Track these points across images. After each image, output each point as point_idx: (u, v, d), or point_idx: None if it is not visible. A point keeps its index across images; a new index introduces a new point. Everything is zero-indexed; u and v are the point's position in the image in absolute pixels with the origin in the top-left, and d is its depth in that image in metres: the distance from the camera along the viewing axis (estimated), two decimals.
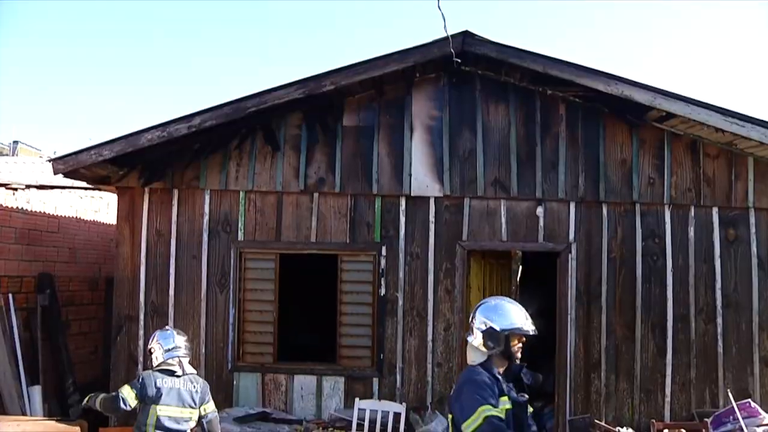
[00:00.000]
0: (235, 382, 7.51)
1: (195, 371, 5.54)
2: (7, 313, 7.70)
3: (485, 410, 3.52)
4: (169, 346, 5.40)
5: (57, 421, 6.44)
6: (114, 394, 5.33)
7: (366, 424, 6.70)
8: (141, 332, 7.60)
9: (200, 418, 5.38)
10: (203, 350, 7.52)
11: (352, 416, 6.79)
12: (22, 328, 7.90)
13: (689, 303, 7.38)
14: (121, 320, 7.64)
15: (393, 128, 7.49)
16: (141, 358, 7.57)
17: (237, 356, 7.53)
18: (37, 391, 7.61)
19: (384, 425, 6.74)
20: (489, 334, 3.83)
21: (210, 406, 5.45)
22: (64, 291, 8.98)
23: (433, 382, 7.35)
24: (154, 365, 5.41)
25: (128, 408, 5.20)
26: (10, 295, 7.83)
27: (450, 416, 3.76)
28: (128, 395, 5.19)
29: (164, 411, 5.17)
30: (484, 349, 3.81)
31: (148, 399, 5.18)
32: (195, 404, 5.30)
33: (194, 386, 5.35)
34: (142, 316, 7.62)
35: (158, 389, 5.20)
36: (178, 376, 5.30)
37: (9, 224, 8.17)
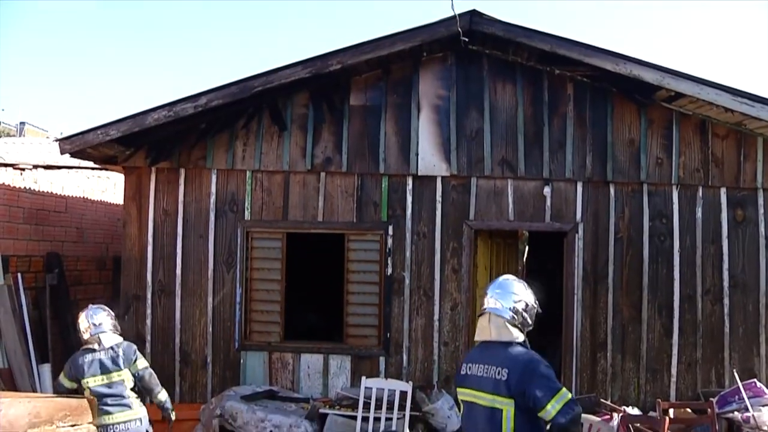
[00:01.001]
0: (242, 361, 7.56)
1: (120, 340, 5.81)
2: (17, 292, 7.76)
3: (566, 391, 3.57)
4: (92, 323, 5.72)
5: (66, 397, 6.48)
6: (55, 382, 5.87)
7: (372, 402, 6.72)
8: (148, 311, 7.65)
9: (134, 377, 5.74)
10: (210, 329, 7.57)
11: (358, 394, 6.81)
12: (31, 307, 7.97)
13: (696, 283, 7.36)
14: (129, 299, 7.69)
15: (400, 108, 7.46)
16: (149, 337, 7.63)
17: (244, 335, 7.58)
18: (47, 368, 7.68)
19: (390, 404, 6.76)
20: (530, 311, 3.90)
21: (140, 364, 5.79)
22: (72, 270, 9.03)
23: (439, 361, 7.38)
24: (82, 343, 5.78)
25: (66, 389, 5.61)
26: (19, 275, 7.89)
27: (505, 398, 3.64)
28: (62, 379, 5.67)
29: (91, 382, 5.54)
30: (521, 327, 3.83)
31: (77, 378, 5.57)
32: (120, 366, 5.63)
33: (115, 352, 5.67)
34: (149, 296, 7.66)
35: (80, 366, 5.58)
36: (96, 351, 5.64)
37: (17, 204, 8.21)
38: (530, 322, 3.89)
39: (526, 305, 3.91)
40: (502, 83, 7.44)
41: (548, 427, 3.61)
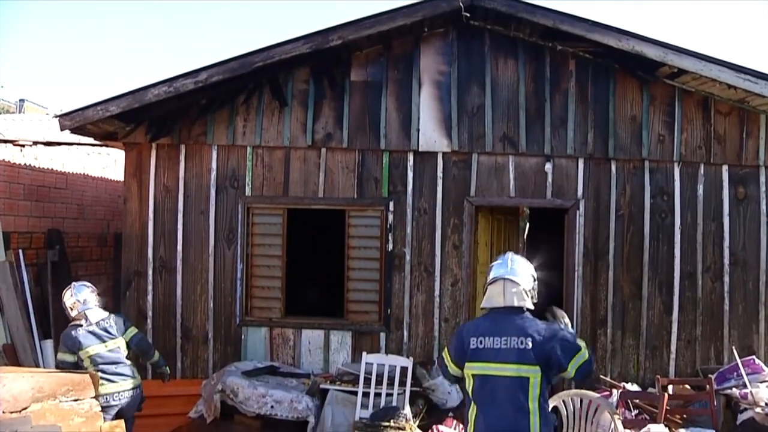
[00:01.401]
0: (243, 337, 7.58)
1: (106, 314, 6.04)
2: (18, 269, 7.77)
3: (584, 349, 3.90)
4: (77, 300, 5.97)
5: (69, 372, 6.52)
6: (56, 363, 5.99)
7: (373, 378, 6.75)
8: (150, 287, 7.67)
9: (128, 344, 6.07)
10: (211, 305, 7.59)
11: (359, 370, 6.84)
12: (33, 283, 7.98)
13: (697, 261, 7.36)
14: (130, 276, 7.71)
15: (401, 83, 7.43)
16: (150, 313, 7.66)
17: (245, 311, 7.60)
18: (49, 344, 7.71)
19: (391, 379, 6.78)
20: (536, 283, 4.16)
21: (132, 331, 6.12)
22: (73, 247, 9.04)
23: (440, 337, 7.40)
24: (70, 320, 6.01)
25: (70, 364, 5.79)
26: (21, 251, 7.89)
27: (531, 366, 3.79)
28: (63, 356, 5.83)
29: (91, 351, 5.78)
30: (531, 296, 4.05)
31: (75, 350, 5.79)
32: (114, 335, 5.94)
33: (106, 323, 5.96)
34: (150, 272, 7.68)
35: (75, 339, 5.80)
36: (84, 326, 5.88)
37: (17, 181, 8.20)
38: (536, 297, 4.10)
39: (534, 278, 4.16)
40: (504, 59, 7.40)
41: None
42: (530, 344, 3.83)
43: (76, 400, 4.81)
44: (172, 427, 7.26)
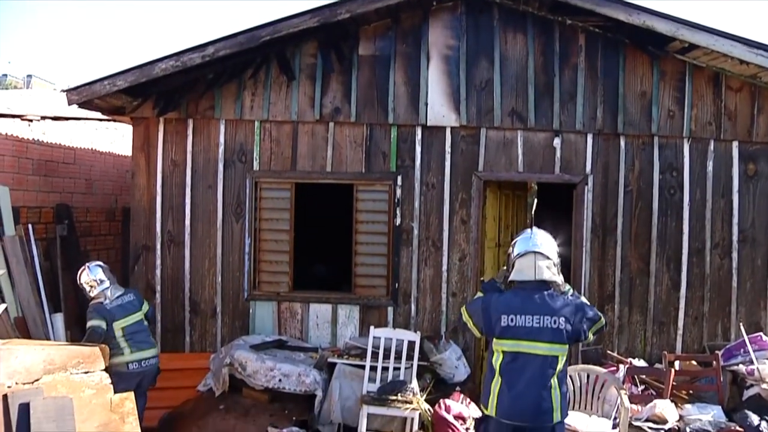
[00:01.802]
0: (251, 311, 7.62)
1: (122, 289, 6.54)
2: (28, 243, 7.79)
3: (602, 319, 4.24)
4: (93, 279, 6.44)
5: (80, 345, 6.58)
6: (89, 330, 6.22)
7: (380, 352, 6.78)
8: (158, 261, 7.70)
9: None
10: (219, 279, 7.62)
11: (366, 344, 6.86)
12: (42, 257, 8.00)
13: (705, 237, 7.34)
14: (139, 250, 7.74)
15: (409, 57, 7.38)
16: (159, 287, 7.70)
17: (253, 285, 7.63)
18: (59, 318, 7.74)
19: (398, 353, 6.81)
20: (560, 259, 4.33)
21: (146, 305, 6.63)
22: (81, 222, 9.06)
23: (447, 312, 7.42)
24: (90, 299, 6.44)
25: (104, 330, 6.19)
26: (30, 226, 7.91)
27: (563, 345, 4.07)
28: (99, 323, 6.19)
29: (123, 323, 6.27)
30: (558, 269, 4.24)
31: (110, 320, 6.23)
32: (138, 307, 6.46)
33: (128, 296, 6.47)
34: (158, 246, 7.71)
35: (110, 311, 6.28)
36: (110, 301, 6.35)
37: (26, 156, 8.21)
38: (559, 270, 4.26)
39: (558, 254, 4.31)
40: (513, 33, 7.34)
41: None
42: (563, 324, 4.05)
43: (86, 373, 4.85)
44: (181, 400, 7.33)
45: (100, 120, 9.78)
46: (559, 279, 4.21)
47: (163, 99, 7.56)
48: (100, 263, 6.64)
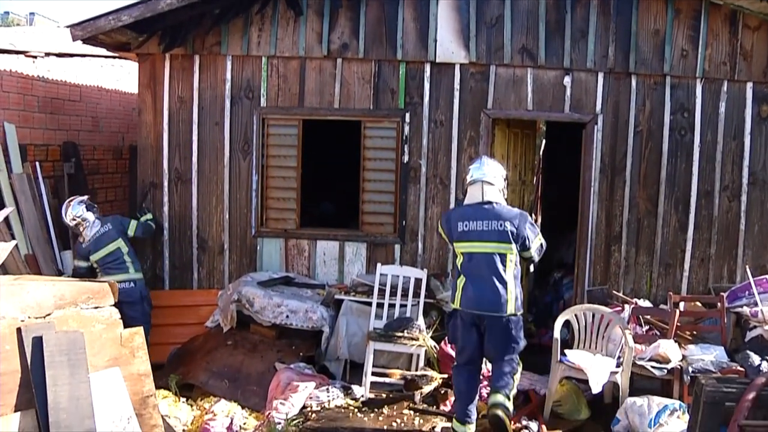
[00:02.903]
0: (258, 248, 7.66)
1: (100, 222, 7.13)
2: (35, 181, 7.81)
3: (541, 237, 5.29)
4: (75, 216, 7.07)
5: (88, 280, 6.65)
6: (73, 270, 7.22)
7: (387, 289, 6.82)
8: (165, 199, 7.72)
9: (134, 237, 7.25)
10: (227, 216, 7.64)
11: (373, 281, 6.90)
12: (50, 195, 8.02)
13: (714, 179, 7.25)
14: (146, 188, 7.75)
15: None
16: (166, 224, 7.72)
17: (260, 222, 7.65)
18: (68, 255, 7.80)
19: (405, 291, 6.86)
20: (506, 182, 5.36)
21: (133, 224, 7.24)
22: (88, 160, 9.05)
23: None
24: (79, 233, 7.17)
25: (86, 268, 7.13)
26: (37, 164, 7.91)
27: (508, 243, 5.04)
28: (78, 263, 7.16)
29: (96, 256, 7.03)
30: (503, 194, 5.24)
31: (87, 256, 7.06)
32: (112, 238, 7.07)
33: (104, 228, 7.07)
34: (166, 183, 7.72)
35: (85, 249, 7.05)
36: (88, 236, 7.06)
37: (31, 93, 8.16)
38: (506, 192, 5.34)
39: (504, 178, 5.33)
40: None
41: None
42: (508, 226, 5.03)
43: (96, 308, 4.86)
44: (190, 336, 7.44)
45: (106, 57, 9.68)
46: (503, 200, 5.19)
47: (169, 35, 7.45)
48: (83, 199, 7.20)
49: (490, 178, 5.15)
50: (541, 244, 5.28)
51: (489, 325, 5.06)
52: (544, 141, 9.11)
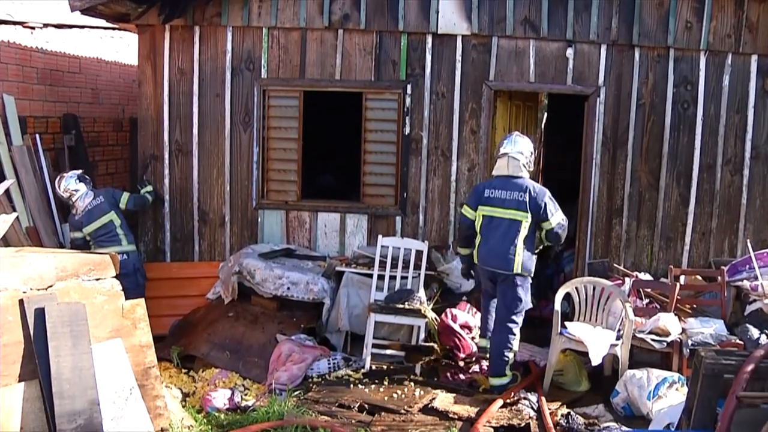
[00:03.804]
0: (259, 220, 7.67)
1: (93, 194, 7.14)
2: (36, 153, 7.77)
3: (562, 213, 5.86)
4: (67, 189, 7.10)
5: (90, 252, 6.67)
6: (70, 242, 7.27)
7: (388, 261, 6.84)
8: (166, 171, 7.72)
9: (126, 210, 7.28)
10: (228, 188, 7.65)
11: (374, 253, 6.91)
12: (51, 168, 7.99)
13: (717, 153, 7.20)
14: (147, 160, 7.75)
15: None
16: (167, 197, 7.73)
17: (261, 194, 7.66)
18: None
19: (406, 263, 6.88)
20: (532, 158, 5.92)
21: (125, 198, 7.26)
22: (89, 132, 9.01)
23: (455, 222, 7.42)
24: (71, 204, 7.20)
25: (82, 239, 7.16)
26: (37, 136, 7.88)
27: (524, 212, 5.69)
28: (75, 234, 7.17)
29: (88, 229, 7.07)
30: (528, 169, 5.83)
31: (81, 228, 7.09)
32: (104, 211, 7.07)
33: (96, 202, 7.08)
34: (166, 155, 7.71)
35: (78, 221, 7.09)
36: (81, 209, 7.08)
37: (30, 64, 8.09)
38: (532, 167, 5.91)
39: (531, 154, 5.89)
40: None
41: (544, 233, 5.87)
42: (527, 198, 5.70)
43: (97, 279, 4.88)
44: (191, 308, 7.47)
45: (105, 29, 9.59)
46: (526, 174, 5.80)
47: (169, 5, 7.39)
48: (75, 172, 7.23)
49: (515, 154, 5.77)
50: (563, 219, 5.85)
51: (499, 281, 5.86)
52: (546, 114, 9.08)
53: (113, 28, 9.41)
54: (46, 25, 8.81)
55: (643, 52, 7.15)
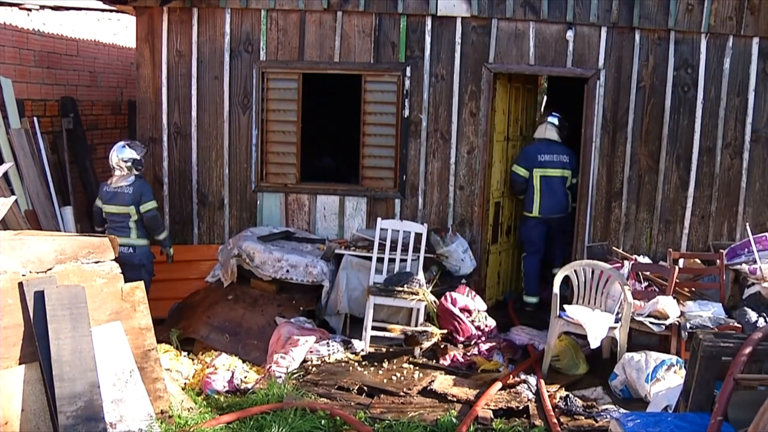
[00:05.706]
0: (258, 202, 7.67)
1: (131, 180, 6.77)
2: (34, 136, 7.75)
3: None
4: (111, 162, 6.82)
5: (88, 235, 6.67)
6: (94, 206, 7.10)
7: (387, 243, 6.84)
8: (165, 154, 7.71)
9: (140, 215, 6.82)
10: (227, 171, 7.64)
11: (373, 236, 6.92)
12: (49, 151, 7.97)
13: (717, 136, 7.17)
14: (145, 142, 7.69)
15: None
16: (166, 179, 7.73)
17: (260, 177, 7.65)
18: (69, 210, 7.80)
19: (405, 245, 6.88)
20: (566, 127, 7.82)
21: (145, 207, 6.77)
22: (87, 115, 8.97)
23: (454, 205, 7.44)
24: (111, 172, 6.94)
25: (99, 210, 6.95)
26: (35, 119, 7.85)
27: (567, 170, 7.72)
28: (97, 202, 6.97)
29: (106, 208, 6.85)
30: (561, 135, 7.74)
31: (103, 204, 6.88)
32: (126, 203, 6.75)
33: (126, 191, 6.76)
34: (165, 138, 7.70)
35: (104, 193, 6.87)
36: (112, 186, 6.83)
37: (27, 47, 8.03)
38: (565, 132, 7.76)
39: (566, 126, 7.74)
40: None
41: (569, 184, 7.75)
42: (567, 159, 7.66)
43: (97, 262, 4.90)
44: (190, 291, 7.48)
45: (102, 11, 9.51)
46: (558, 139, 7.63)
47: None
48: (129, 144, 6.88)
49: (554, 122, 7.66)
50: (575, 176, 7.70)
51: (555, 224, 7.75)
52: (545, 98, 9.05)
53: (111, 10, 9.32)
54: (42, 7, 8.73)
55: (643, 35, 7.10)
